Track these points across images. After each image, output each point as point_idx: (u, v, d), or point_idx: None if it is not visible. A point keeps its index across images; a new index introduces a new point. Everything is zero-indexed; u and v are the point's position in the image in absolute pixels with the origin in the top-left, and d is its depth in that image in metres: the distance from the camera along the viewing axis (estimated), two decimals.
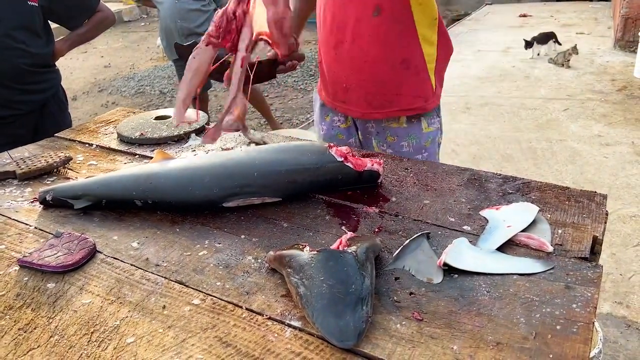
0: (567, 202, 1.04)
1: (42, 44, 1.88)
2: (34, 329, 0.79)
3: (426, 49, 1.43)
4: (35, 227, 1.06)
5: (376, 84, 1.44)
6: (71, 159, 1.33)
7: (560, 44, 5.72)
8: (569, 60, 5.19)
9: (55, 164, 1.29)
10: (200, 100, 4.78)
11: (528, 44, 5.60)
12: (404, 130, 1.50)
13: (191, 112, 1.32)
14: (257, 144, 1.35)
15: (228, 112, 1.09)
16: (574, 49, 5.20)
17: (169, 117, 1.58)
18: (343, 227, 1.00)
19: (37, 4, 1.81)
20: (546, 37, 5.66)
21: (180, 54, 1.28)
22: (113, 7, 9.80)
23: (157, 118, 1.57)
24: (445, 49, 1.49)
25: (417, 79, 1.46)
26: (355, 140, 1.59)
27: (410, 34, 1.39)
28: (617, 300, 2.19)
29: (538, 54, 5.66)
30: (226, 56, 1.16)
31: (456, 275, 0.85)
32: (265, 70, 1.24)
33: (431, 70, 1.47)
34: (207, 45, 1.07)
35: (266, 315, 0.79)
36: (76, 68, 6.56)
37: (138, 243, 0.99)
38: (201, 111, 1.66)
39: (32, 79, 1.86)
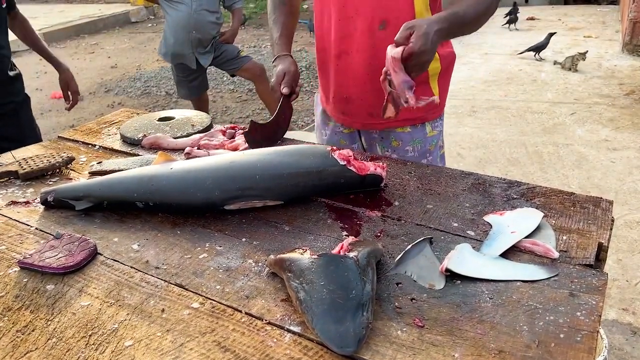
0: (572, 208, 1.03)
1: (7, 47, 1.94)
2: (32, 331, 0.79)
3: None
4: (36, 228, 1.06)
5: (378, 95, 1.43)
6: (73, 159, 1.33)
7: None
8: (576, 65, 5.15)
9: (57, 164, 1.28)
10: (200, 101, 4.75)
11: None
12: (408, 134, 1.49)
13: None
14: None
15: None
16: (582, 55, 5.14)
17: (172, 118, 1.58)
18: (344, 232, 1.00)
19: (4, 5, 1.89)
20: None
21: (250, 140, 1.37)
22: (120, 8, 9.77)
23: (161, 119, 1.57)
24: (448, 60, 1.48)
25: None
26: (358, 146, 1.58)
27: None
28: (623, 307, 2.17)
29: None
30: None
31: (459, 282, 0.84)
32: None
33: (434, 81, 1.46)
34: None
35: (265, 320, 0.78)
36: (83, 68, 6.59)
37: (138, 245, 0.98)
38: (204, 112, 1.65)
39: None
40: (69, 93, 2.29)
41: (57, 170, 1.29)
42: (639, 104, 4.30)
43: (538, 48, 5.56)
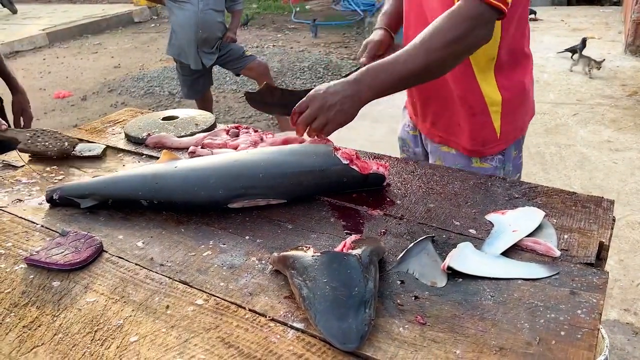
0: (573, 208, 1.03)
1: None
2: (39, 326, 0.80)
3: (486, 89, 1.30)
4: (42, 226, 1.07)
5: (440, 107, 1.38)
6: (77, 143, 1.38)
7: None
8: (597, 69, 5.04)
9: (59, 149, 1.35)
10: (203, 100, 4.75)
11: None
12: (452, 157, 1.41)
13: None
14: None
15: None
16: (598, 63, 5.01)
17: (176, 117, 1.59)
18: (347, 230, 1.00)
19: None
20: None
21: (251, 99, 1.34)
22: (124, 8, 9.77)
23: (165, 119, 1.58)
24: (516, 91, 1.35)
25: (473, 121, 1.33)
26: (421, 151, 1.54)
27: (464, 69, 1.27)
28: (624, 307, 2.17)
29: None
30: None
31: (460, 280, 0.84)
32: None
33: (495, 113, 1.33)
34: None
35: (269, 317, 0.79)
36: (86, 68, 6.61)
37: (143, 242, 0.99)
38: (207, 111, 1.66)
39: None
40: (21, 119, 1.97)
41: (53, 155, 1.35)
42: None
43: (574, 51, 5.37)
